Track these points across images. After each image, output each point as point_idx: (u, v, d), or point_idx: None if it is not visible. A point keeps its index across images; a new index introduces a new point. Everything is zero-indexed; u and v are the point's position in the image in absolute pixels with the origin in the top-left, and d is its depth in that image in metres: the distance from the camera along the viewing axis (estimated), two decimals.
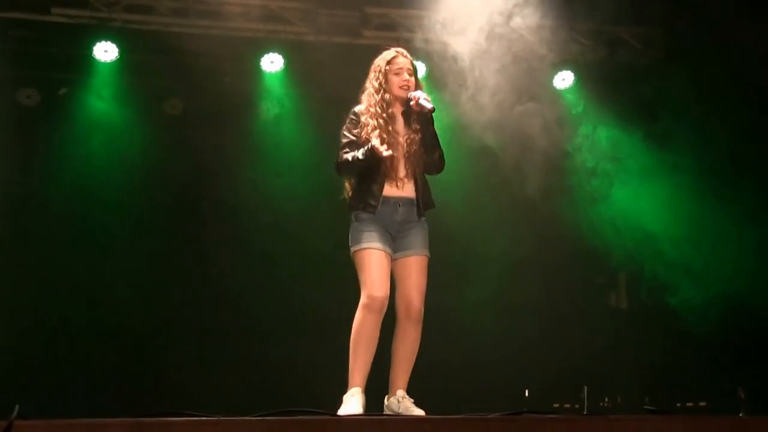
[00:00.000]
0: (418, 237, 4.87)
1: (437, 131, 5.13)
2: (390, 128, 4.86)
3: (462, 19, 7.96)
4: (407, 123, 4.93)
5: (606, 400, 8.63)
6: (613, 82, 8.72)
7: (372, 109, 4.92)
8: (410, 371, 4.90)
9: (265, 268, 8.40)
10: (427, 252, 4.90)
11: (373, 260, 4.81)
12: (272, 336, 8.34)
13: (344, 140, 4.96)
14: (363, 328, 4.78)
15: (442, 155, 4.96)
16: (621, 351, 8.69)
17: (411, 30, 8.49)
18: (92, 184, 8.27)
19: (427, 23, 7.93)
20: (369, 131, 4.87)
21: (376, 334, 4.82)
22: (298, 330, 8.21)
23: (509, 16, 7.80)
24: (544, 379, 8.24)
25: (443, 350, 8.24)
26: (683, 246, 8.12)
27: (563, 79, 8.85)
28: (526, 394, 7.72)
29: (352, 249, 4.86)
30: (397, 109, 4.95)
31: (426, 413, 4.75)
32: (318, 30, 8.40)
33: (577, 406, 8.11)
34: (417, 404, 4.85)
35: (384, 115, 4.85)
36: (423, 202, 4.89)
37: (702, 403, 8.34)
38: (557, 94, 8.81)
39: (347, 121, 4.98)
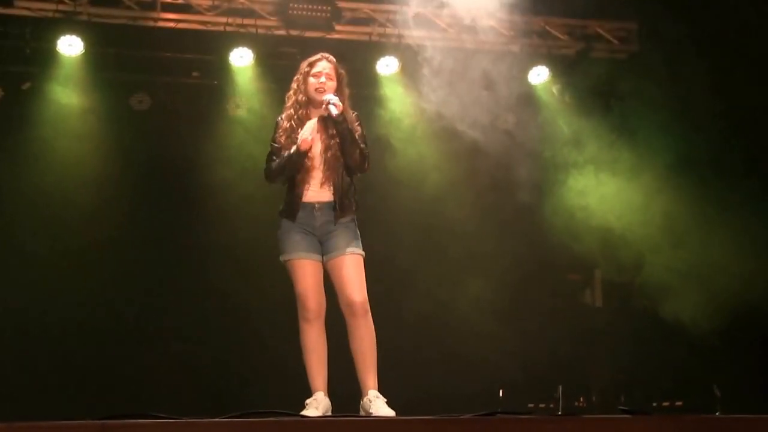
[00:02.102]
0: (342, 237, 4.87)
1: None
2: (311, 145, 4.88)
3: (435, 13, 8.25)
4: (324, 127, 4.93)
5: (581, 399, 8.67)
6: (589, 77, 8.73)
7: (289, 111, 4.98)
8: (375, 366, 4.89)
9: (237, 269, 8.33)
10: (355, 249, 4.89)
11: (298, 271, 4.89)
12: (240, 337, 8.30)
13: (269, 150, 5.02)
14: (307, 340, 4.89)
15: (363, 155, 4.93)
16: (596, 350, 8.71)
17: (383, 24, 8.62)
18: (56, 180, 8.19)
19: (400, 17, 8.10)
20: (282, 135, 4.95)
21: (322, 340, 4.91)
22: (270, 329, 8.10)
23: (483, 11, 7.88)
24: (519, 378, 8.25)
25: (416, 349, 8.36)
26: (660, 242, 8.17)
27: (538, 75, 8.86)
28: (501, 394, 7.80)
29: (280, 258, 4.94)
30: (313, 113, 4.97)
31: (397, 413, 4.74)
32: (288, 24, 8.36)
33: (551, 405, 8.12)
34: (390, 404, 4.82)
35: (295, 116, 4.93)
36: (340, 205, 4.89)
37: (678, 403, 8.37)
38: (532, 89, 8.83)
39: (274, 130, 5.03)
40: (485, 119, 7.88)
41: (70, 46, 8.13)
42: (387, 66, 8.65)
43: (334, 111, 4.81)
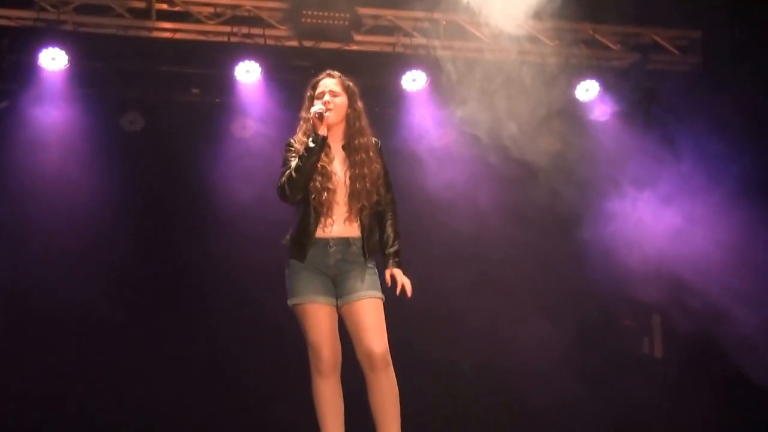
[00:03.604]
0: (359, 278, 4.72)
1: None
2: (327, 168, 4.74)
3: (469, 21, 8.07)
4: (345, 153, 4.80)
5: None
6: (645, 92, 8.55)
7: (300, 137, 4.81)
8: (398, 425, 4.75)
9: (234, 303, 8.21)
10: (375, 293, 4.73)
11: (310, 317, 4.74)
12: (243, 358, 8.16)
13: (282, 169, 4.81)
14: (321, 396, 4.76)
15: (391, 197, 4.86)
16: (658, 408, 8.22)
17: (409, 34, 8.40)
18: (37, 211, 7.95)
19: (428, 26, 8.16)
20: (295, 157, 4.77)
21: (338, 395, 4.78)
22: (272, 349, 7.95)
23: (523, 17, 7.59)
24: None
25: (474, 400, 8.19)
26: (736, 283, 7.78)
27: (586, 90, 8.44)
28: None
29: (288, 302, 4.79)
30: (332, 140, 4.79)
31: None
32: (301, 34, 8.14)
33: None
34: None
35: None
36: (368, 244, 4.75)
37: None
38: (580, 105, 8.47)
39: (284, 153, 4.83)
40: (527, 141, 7.74)
41: (53, 60, 7.85)
42: (414, 81, 8.33)
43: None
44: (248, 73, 8.12)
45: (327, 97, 4.74)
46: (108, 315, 7.95)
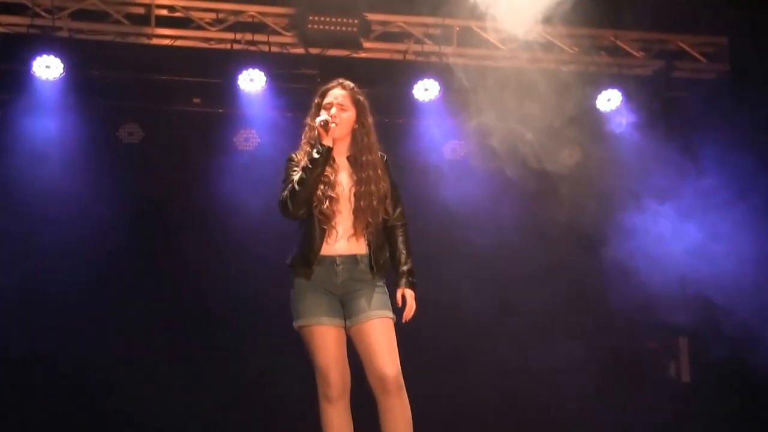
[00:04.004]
0: (369, 298, 4.64)
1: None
2: (330, 177, 4.66)
3: (484, 26, 7.93)
4: (352, 166, 4.72)
5: None
6: (670, 102, 8.46)
7: (306, 149, 4.70)
8: None
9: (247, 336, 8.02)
10: (386, 312, 4.65)
11: (317, 339, 4.65)
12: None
13: (284, 184, 4.73)
14: (329, 423, 4.67)
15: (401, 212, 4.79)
16: None
17: (421, 40, 8.27)
18: (31, 228, 7.80)
19: (441, 32, 8.08)
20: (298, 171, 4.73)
21: (347, 422, 4.71)
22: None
23: (541, 23, 7.52)
24: None
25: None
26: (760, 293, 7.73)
27: (608, 99, 8.28)
28: None
29: (293, 324, 4.70)
30: (338, 153, 4.71)
31: None
32: (308, 41, 8.03)
33: None
34: None
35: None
36: (375, 261, 4.67)
37: None
38: (601, 116, 8.31)
39: (285, 168, 4.75)
40: (545, 153, 7.64)
41: (47, 68, 7.72)
42: (426, 90, 8.21)
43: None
44: (252, 82, 8.01)
45: (334, 110, 4.67)
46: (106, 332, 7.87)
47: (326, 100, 4.72)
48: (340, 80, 4.81)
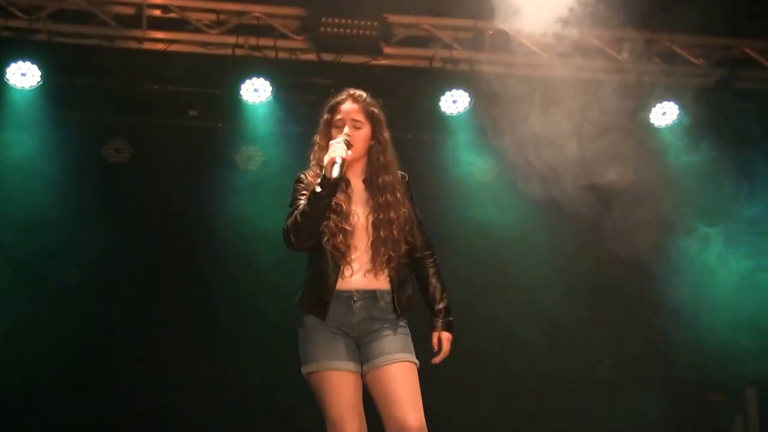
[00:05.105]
0: (390, 339, 4.46)
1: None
2: (343, 206, 4.48)
3: (521, 31, 7.68)
4: (371, 193, 4.56)
5: None
6: (733, 115, 8.14)
7: (315, 170, 4.52)
8: None
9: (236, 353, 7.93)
10: (408, 356, 4.46)
11: (329, 386, 4.42)
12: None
13: (290, 209, 4.54)
14: None
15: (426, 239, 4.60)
16: None
17: (449, 46, 8.05)
18: (7, 252, 7.61)
19: (472, 36, 7.92)
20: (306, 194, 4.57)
21: None
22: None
23: (587, 25, 7.20)
24: None
25: None
26: None
27: (663, 113, 7.95)
28: None
29: (302, 369, 4.50)
30: (352, 175, 4.58)
31: None
32: (320, 45, 7.86)
33: None
34: None
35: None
36: (398, 299, 4.48)
37: None
38: (655, 132, 8.08)
39: (293, 191, 4.55)
40: (590, 173, 7.33)
41: (22, 76, 7.52)
42: (454, 102, 8.02)
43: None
44: (256, 93, 7.81)
45: (347, 130, 4.49)
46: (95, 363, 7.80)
47: (337, 117, 4.53)
48: (350, 91, 4.63)
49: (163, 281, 8.11)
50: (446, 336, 4.53)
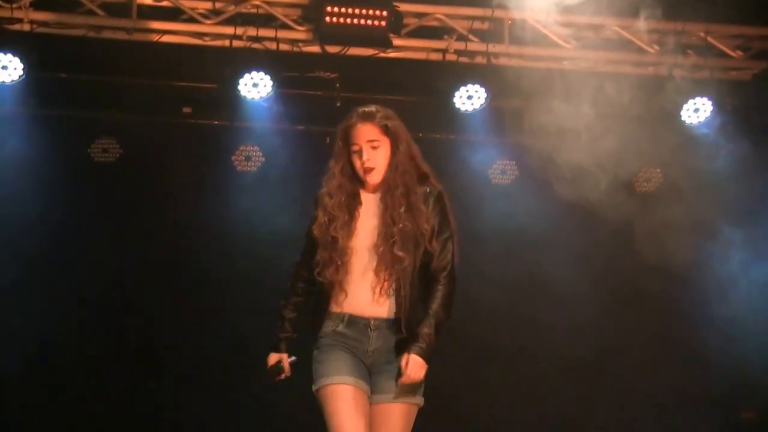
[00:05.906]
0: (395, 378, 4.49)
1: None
2: (354, 224, 4.45)
3: (544, 21, 7.55)
4: (386, 206, 4.49)
5: None
6: None
7: (330, 194, 4.52)
8: None
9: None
10: (412, 399, 4.45)
11: (336, 402, 4.39)
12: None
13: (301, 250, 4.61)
14: None
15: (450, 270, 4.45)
16: None
17: (465, 37, 7.83)
18: None
19: (490, 27, 7.77)
20: (322, 228, 4.45)
21: None
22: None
23: (615, 15, 7.29)
24: None
25: None
26: None
27: (696, 109, 7.70)
28: None
29: (313, 388, 4.47)
30: (366, 193, 4.56)
31: None
32: (325, 36, 7.68)
33: None
34: None
35: (341, 203, 4.51)
36: (407, 325, 4.42)
37: None
38: (688, 129, 7.85)
39: (311, 211, 4.56)
40: (619, 174, 7.27)
41: (3, 69, 7.33)
42: (470, 98, 7.78)
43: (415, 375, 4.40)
44: (255, 88, 7.58)
45: (365, 156, 4.44)
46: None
47: (353, 145, 4.44)
48: (359, 110, 4.52)
49: (155, 288, 7.83)
50: (414, 359, 4.38)
